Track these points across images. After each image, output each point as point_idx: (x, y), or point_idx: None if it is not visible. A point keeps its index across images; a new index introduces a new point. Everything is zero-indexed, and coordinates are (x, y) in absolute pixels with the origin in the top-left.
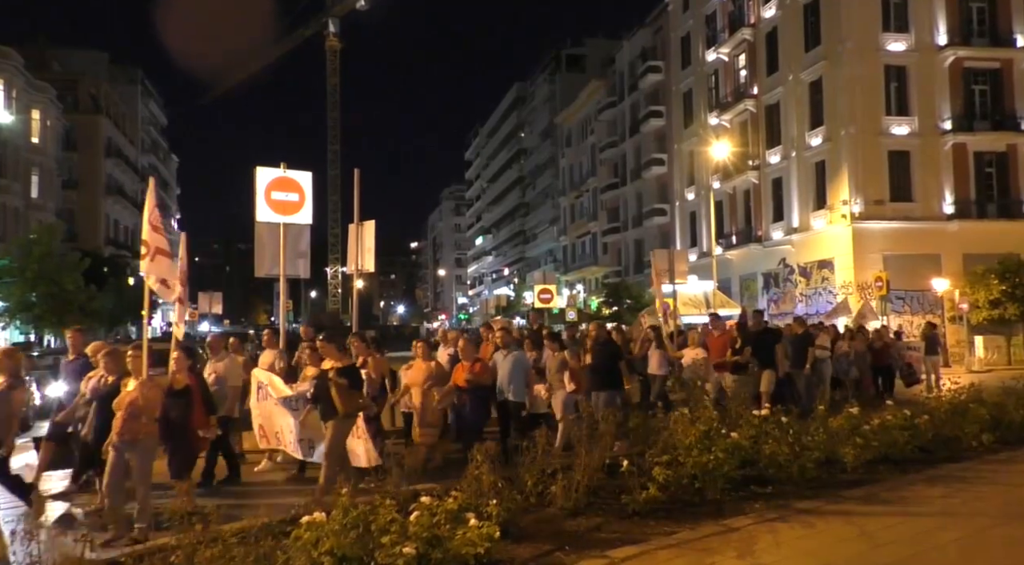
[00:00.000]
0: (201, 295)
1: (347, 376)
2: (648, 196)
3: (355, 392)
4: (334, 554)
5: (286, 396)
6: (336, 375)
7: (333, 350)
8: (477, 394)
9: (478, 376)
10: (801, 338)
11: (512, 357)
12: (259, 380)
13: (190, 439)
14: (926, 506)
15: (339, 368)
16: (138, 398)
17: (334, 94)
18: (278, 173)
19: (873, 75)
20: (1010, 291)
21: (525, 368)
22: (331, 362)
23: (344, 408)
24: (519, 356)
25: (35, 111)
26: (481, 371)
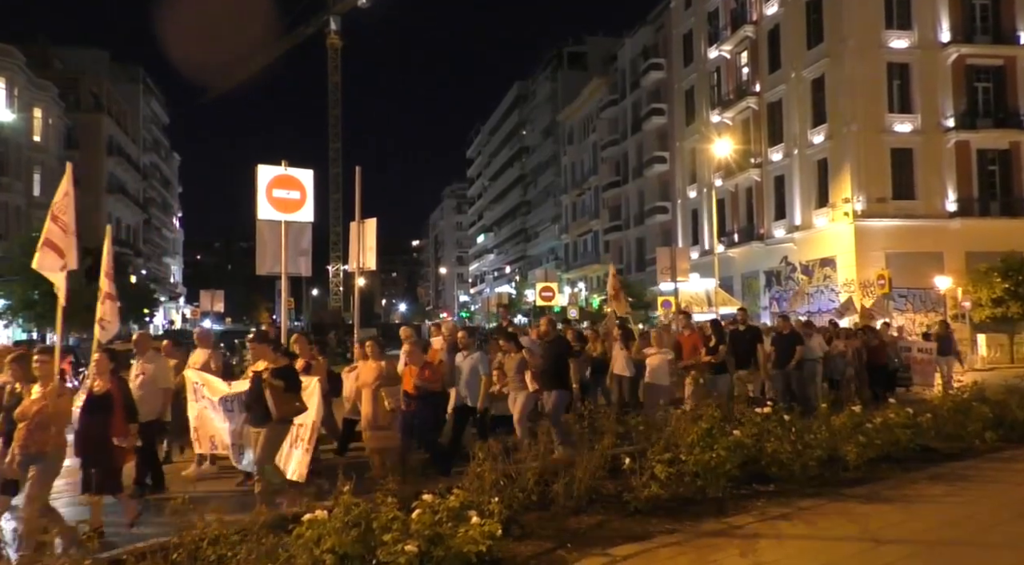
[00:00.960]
0: (203, 293)
1: (283, 378)
2: (650, 194)
3: (291, 395)
4: (336, 552)
5: (224, 395)
6: (271, 377)
7: (267, 350)
8: (428, 400)
9: (428, 381)
10: (787, 337)
11: (470, 360)
12: (193, 381)
13: (109, 450)
14: (929, 504)
15: (274, 369)
16: (46, 406)
17: (335, 92)
18: (279, 171)
19: (875, 72)
20: (1013, 289)
21: (485, 370)
22: (265, 363)
23: (279, 413)
24: (477, 359)
25: (37, 109)
26: (431, 376)
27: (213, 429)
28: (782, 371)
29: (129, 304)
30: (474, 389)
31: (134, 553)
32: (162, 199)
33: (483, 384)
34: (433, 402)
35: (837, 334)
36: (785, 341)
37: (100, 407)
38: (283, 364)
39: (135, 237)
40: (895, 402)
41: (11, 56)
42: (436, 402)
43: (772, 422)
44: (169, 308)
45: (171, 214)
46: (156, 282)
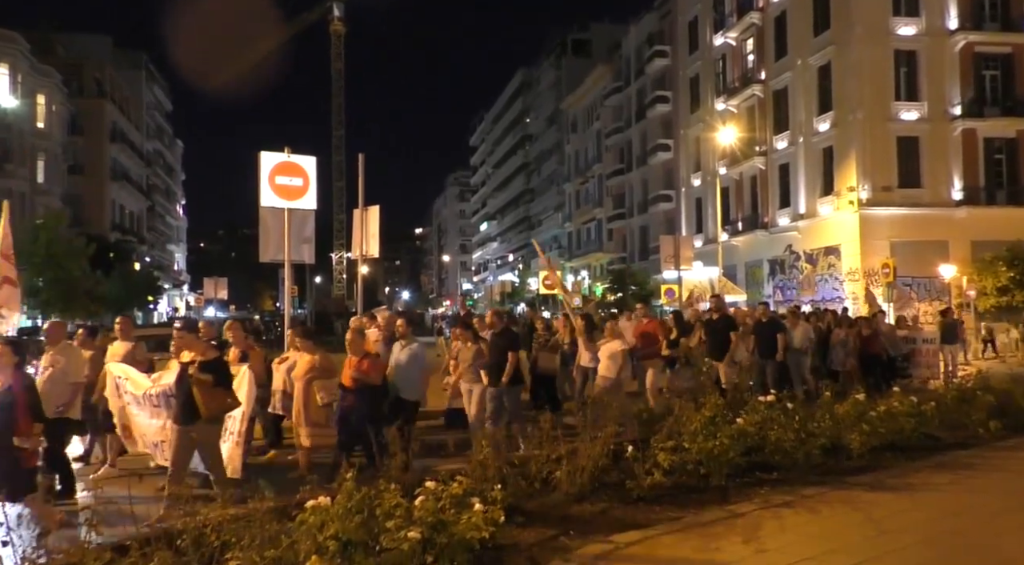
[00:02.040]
0: (207, 281)
1: (212, 371)
2: (654, 182)
3: (221, 391)
4: (339, 538)
5: (147, 391)
6: (199, 370)
7: (195, 340)
8: (365, 395)
9: (366, 374)
10: (767, 326)
11: (409, 350)
12: (116, 375)
13: (10, 452)
14: (932, 493)
15: (203, 362)
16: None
17: (338, 79)
18: (282, 158)
19: (882, 60)
20: (1018, 278)
21: (422, 362)
22: (192, 354)
23: (208, 410)
24: (417, 349)
25: (40, 96)
26: (370, 368)
27: (142, 427)
28: (761, 361)
29: (133, 292)
30: (411, 382)
31: (139, 539)
32: (165, 186)
33: (424, 376)
34: (371, 397)
35: (839, 322)
36: (765, 330)
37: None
38: (212, 356)
39: (138, 224)
40: (899, 390)
41: (14, 42)
42: (374, 397)
43: (776, 411)
44: (173, 295)
45: (174, 201)
46: (160, 270)
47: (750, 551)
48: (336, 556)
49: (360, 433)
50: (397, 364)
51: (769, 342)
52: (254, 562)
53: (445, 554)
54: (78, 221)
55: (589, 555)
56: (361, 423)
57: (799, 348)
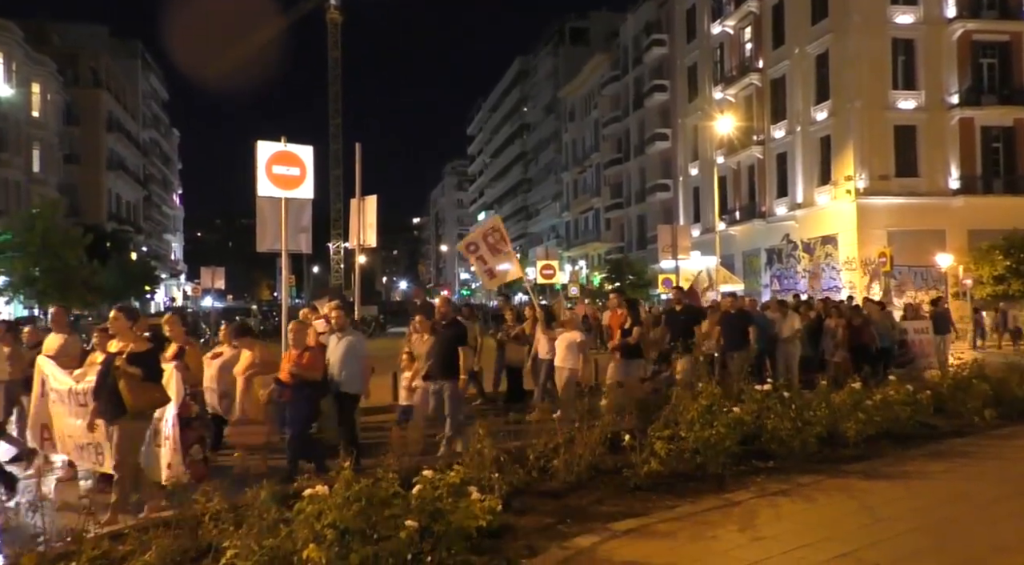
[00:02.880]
0: (203, 270)
1: (141, 364)
2: (651, 171)
3: (150, 385)
4: (336, 527)
5: (72, 388)
6: (127, 362)
7: (127, 329)
8: (303, 390)
9: (305, 368)
10: (734, 318)
11: (346, 341)
12: (42, 371)
13: None
14: (928, 481)
15: (132, 353)
16: None
17: (335, 67)
18: (279, 147)
19: (880, 48)
20: (1014, 267)
21: (360, 354)
22: (121, 344)
23: (135, 405)
24: (354, 340)
25: (35, 85)
26: (310, 362)
27: (67, 428)
28: (728, 354)
29: (130, 281)
30: (351, 375)
31: (136, 527)
32: (162, 176)
33: (364, 368)
34: (309, 392)
35: (828, 312)
36: (732, 322)
37: None
38: (143, 348)
39: (135, 214)
40: (895, 379)
41: (9, 31)
42: (313, 392)
43: (772, 399)
44: (170, 285)
45: (171, 191)
46: (157, 259)
47: (746, 539)
48: (334, 545)
49: (294, 429)
50: (335, 357)
51: (736, 335)
52: (252, 550)
53: (443, 542)
54: (74, 211)
55: (586, 543)
56: (296, 418)
57: (787, 339)
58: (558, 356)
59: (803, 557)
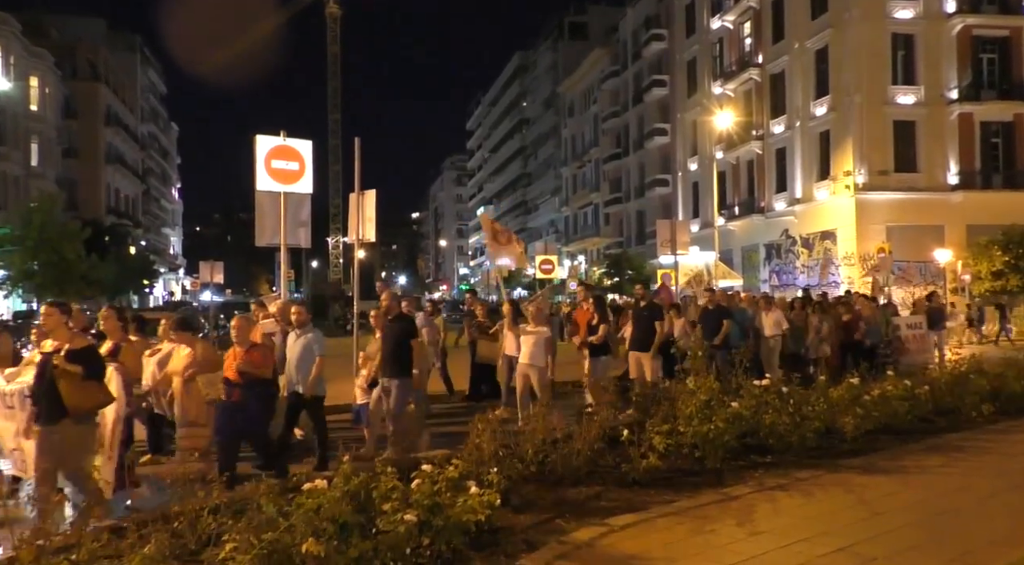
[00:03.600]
0: (202, 264)
1: (82, 362)
2: (650, 166)
3: (93, 384)
4: (335, 521)
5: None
6: (66, 360)
7: (62, 325)
8: (253, 390)
9: (254, 365)
10: (713, 312)
11: (305, 339)
12: None
13: None
14: (926, 475)
15: (71, 350)
16: None
17: (334, 62)
18: (278, 141)
19: (880, 43)
20: (1013, 262)
21: (320, 352)
22: (56, 342)
23: (77, 406)
24: (314, 338)
25: (33, 78)
26: (259, 359)
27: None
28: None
29: (128, 275)
30: (307, 374)
31: (135, 521)
32: (161, 170)
33: (316, 366)
34: (261, 391)
35: (813, 308)
36: (710, 318)
37: None
38: (82, 345)
39: (134, 208)
40: (892, 374)
41: (6, 23)
42: (265, 391)
43: (770, 394)
44: (169, 279)
45: (170, 185)
46: (155, 253)
47: (744, 533)
48: (333, 538)
49: (248, 431)
50: (293, 356)
51: (715, 330)
52: (251, 544)
53: (441, 537)
54: (73, 205)
55: (585, 537)
56: (249, 420)
57: (769, 336)
58: (524, 353)
59: (801, 551)
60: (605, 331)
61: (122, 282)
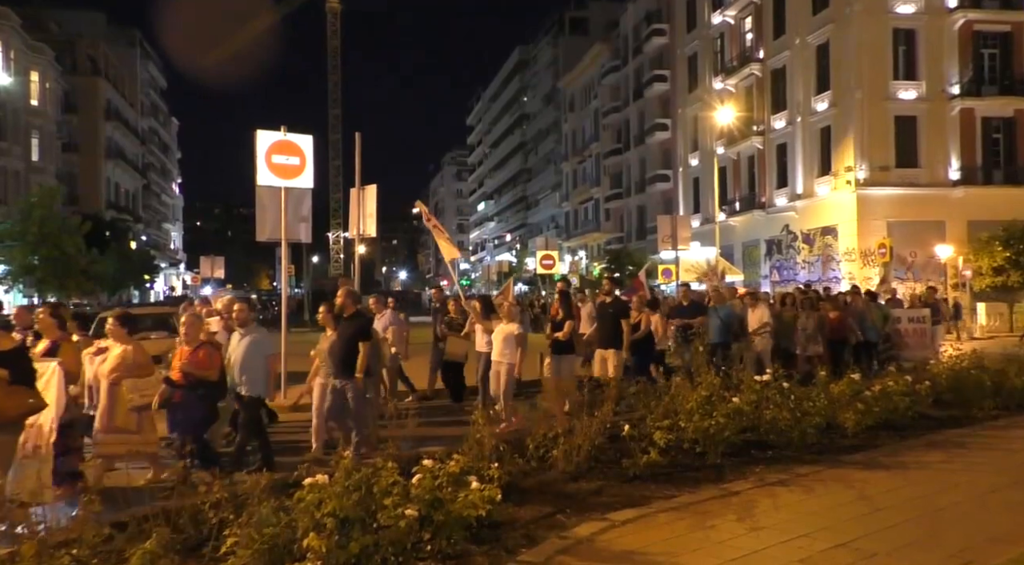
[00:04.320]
0: (203, 259)
1: (9, 365)
2: (651, 162)
3: (21, 389)
4: (336, 515)
5: None
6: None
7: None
8: (197, 390)
9: (199, 366)
10: (688, 308)
11: (249, 339)
12: None
13: None
14: (926, 471)
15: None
16: None
17: (335, 57)
18: (279, 136)
19: (881, 38)
20: (1014, 258)
21: (267, 352)
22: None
23: (2, 412)
24: (259, 338)
25: (33, 73)
26: (205, 360)
27: None
28: (683, 347)
29: (129, 270)
30: (254, 375)
31: (137, 516)
32: (161, 164)
33: (270, 366)
34: (204, 393)
35: (802, 305)
36: (686, 314)
37: None
38: (8, 346)
39: (134, 203)
40: (894, 370)
41: (6, 18)
42: (209, 394)
43: (771, 390)
44: (169, 274)
45: (170, 180)
46: (156, 248)
47: (745, 529)
48: (334, 533)
49: (189, 434)
50: (236, 356)
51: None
52: (252, 539)
53: (442, 531)
54: (73, 199)
55: (585, 532)
56: (190, 422)
57: (753, 332)
58: (495, 350)
59: (801, 547)
60: (570, 328)
61: (123, 277)
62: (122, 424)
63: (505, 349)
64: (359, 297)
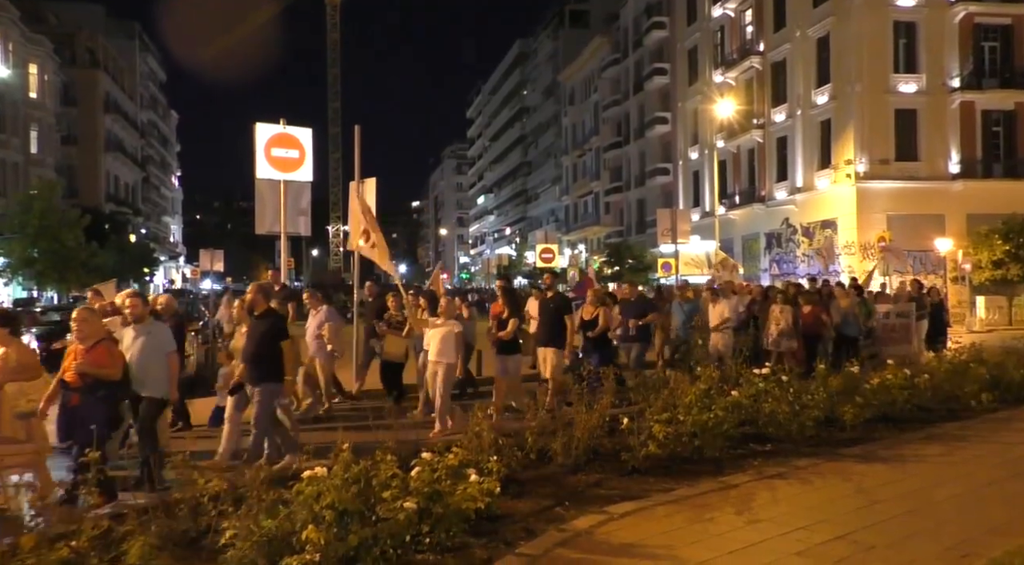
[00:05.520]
0: (203, 252)
1: None
2: (651, 155)
3: None
4: (335, 508)
5: None
6: None
7: None
8: (96, 392)
9: (98, 365)
10: (635, 304)
11: (148, 335)
12: None
13: None
14: (924, 463)
15: None
16: None
17: (334, 50)
18: (278, 129)
19: (882, 31)
20: (1013, 251)
21: (167, 350)
22: None
23: None
24: (158, 334)
25: (32, 65)
26: (104, 357)
27: None
28: (625, 345)
29: (128, 263)
30: (154, 375)
31: (136, 509)
32: (160, 157)
33: (169, 364)
34: (104, 394)
35: (774, 298)
36: (630, 311)
37: None
38: None
39: (133, 196)
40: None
41: (5, 10)
42: (109, 395)
43: (770, 383)
44: (169, 267)
45: (170, 173)
46: (156, 241)
47: (743, 522)
48: (333, 526)
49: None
50: (132, 355)
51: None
52: (251, 531)
53: (441, 524)
54: (72, 192)
55: (584, 525)
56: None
57: (713, 328)
58: (432, 350)
59: (800, 539)
60: (514, 326)
61: (122, 270)
62: (9, 432)
63: (443, 349)
64: (271, 291)
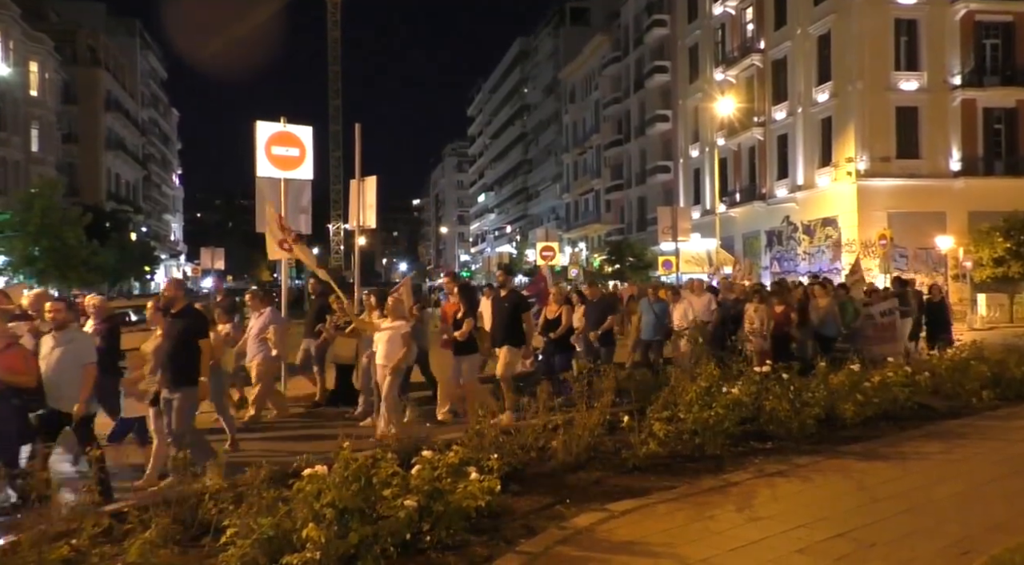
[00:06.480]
0: (203, 251)
1: None
2: (652, 153)
3: None
4: (335, 506)
5: None
6: None
7: None
8: (11, 401)
9: (12, 371)
10: (597, 304)
11: (67, 345)
12: None
13: None
14: (925, 461)
15: None
16: None
17: (335, 47)
18: (278, 128)
19: (882, 29)
20: (1014, 249)
21: (86, 359)
22: None
23: None
24: (79, 341)
25: (33, 63)
26: (18, 362)
27: None
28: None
29: (129, 261)
30: (71, 387)
31: (137, 506)
32: (161, 155)
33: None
34: (17, 403)
35: (748, 297)
36: (592, 312)
37: None
38: None
39: (134, 194)
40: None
41: (5, 8)
42: (21, 402)
43: (771, 381)
44: (170, 266)
45: (171, 171)
46: (156, 240)
47: (744, 519)
48: (333, 524)
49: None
50: (49, 365)
51: (599, 324)
52: (251, 529)
53: (441, 522)
54: (73, 190)
55: (585, 523)
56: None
57: (676, 328)
58: (379, 352)
59: (800, 537)
60: (470, 326)
61: (123, 268)
62: None
63: (390, 350)
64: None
